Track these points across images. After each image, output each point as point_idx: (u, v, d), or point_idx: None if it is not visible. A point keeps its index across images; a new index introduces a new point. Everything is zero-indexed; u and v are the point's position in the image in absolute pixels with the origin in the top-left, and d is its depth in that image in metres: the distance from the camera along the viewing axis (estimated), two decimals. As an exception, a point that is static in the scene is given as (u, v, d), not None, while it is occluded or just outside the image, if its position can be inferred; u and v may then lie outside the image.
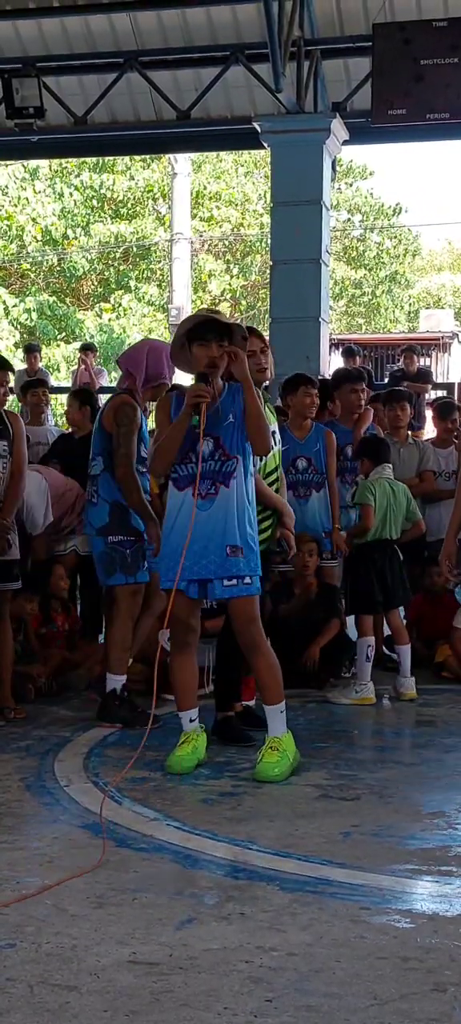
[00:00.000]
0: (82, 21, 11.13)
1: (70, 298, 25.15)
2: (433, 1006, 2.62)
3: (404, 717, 5.90)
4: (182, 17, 10.98)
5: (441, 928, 3.08)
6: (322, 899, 3.28)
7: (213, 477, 4.57)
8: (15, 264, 24.88)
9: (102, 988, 2.70)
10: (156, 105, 11.43)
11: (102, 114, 11.53)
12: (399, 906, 3.23)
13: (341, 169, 25.66)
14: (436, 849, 3.74)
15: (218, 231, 25.48)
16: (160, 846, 3.74)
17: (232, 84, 11.15)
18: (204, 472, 4.56)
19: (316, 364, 10.07)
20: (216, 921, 3.10)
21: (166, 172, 23.26)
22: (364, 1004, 2.62)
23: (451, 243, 33.97)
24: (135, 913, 3.16)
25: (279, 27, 9.55)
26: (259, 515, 4.89)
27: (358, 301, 28.86)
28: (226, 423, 4.58)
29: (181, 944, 2.95)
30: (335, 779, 4.58)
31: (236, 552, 4.54)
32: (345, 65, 11.02)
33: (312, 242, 10.45)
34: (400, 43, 9.85)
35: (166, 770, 4.61)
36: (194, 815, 4.08)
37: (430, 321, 22.74)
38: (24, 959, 2.85)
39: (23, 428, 5.75)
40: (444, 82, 9.79)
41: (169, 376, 5.69)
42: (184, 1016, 2.56)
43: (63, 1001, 2.63)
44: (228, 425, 4.58)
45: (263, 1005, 2.62)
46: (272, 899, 3.27)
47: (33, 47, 11.36)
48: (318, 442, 6.79)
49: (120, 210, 24.40)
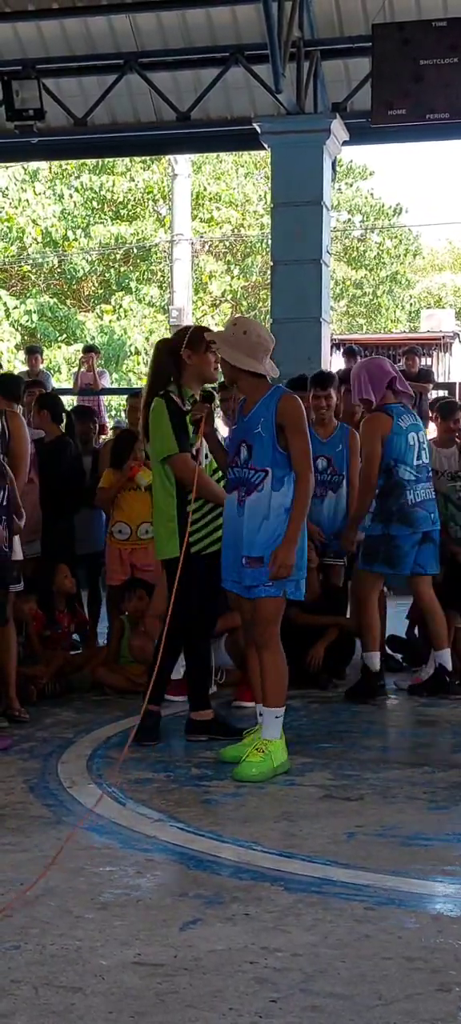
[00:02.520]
0: (81, 23, 11.12)
1: (71, 300, 25.15)
2: (438, 1006, 2.62)
3: (407, 717, 5.90)
4: (182, 18, 10.97)
5: (446, 928, 3.08)
6: (326, 899, 3.28)
7: (246, 485, 4.62)
8: (16, 266, 24.89)
9: (107, 989, 2.70)
10: (156, 106, 11.43)
11: (102, 116, 11.52)
12: (404, 906, 3.23)
13: (341, 169, 25.67)
14: (441, 849, 3.74)
15: (218, 232, 25.47)
16: (164, 847, 3.74)
17: (232, 85, 11.15)
18: (239, 477, 4.63)
19: (317, 365, 10.05)
20: (221, 922, 3.10)
21: (166, 173, 23.25)
22: (369, 1004, 2.62)
23: (452, 243, 33.97)
24: (139, 914, 3.16)
25: (279, 28, 9.55)
26: (207, 512, 4.97)
27: (359, 301, 28.86)
28: (255, 432, 4.60)
29: (186, 945, 2.95)
30: (339, 779, 4.57)
31: (252, 563, 4.55)
32: (345, 65, 11.02)
33: (313, 243, 10.45)
34: (400, 43, 9.83)
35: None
36: (198, 816, 4.08)
37: (431, 321, 22.71)
38: (29, 961, 2.85)
39: (21, 427, 5.74)
40: (444, 82, 9.77)
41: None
42: (189, 1017, 2.56)
43: (68, 1003, 2.63)
44: (257, 436, 4.60)
45: (268, 1006, 2.62)
46: (276, 900, 3.27)
47: (33, 49, 11.35)
48: (341, 443, 6.77)
49: (120, 211, 24.40)
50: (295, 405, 4.65)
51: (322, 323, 10.50)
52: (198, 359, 5.08)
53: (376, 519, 6.04)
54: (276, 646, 4.65)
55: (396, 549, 6.01)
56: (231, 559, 4.70)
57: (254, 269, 25.86)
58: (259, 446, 4.57)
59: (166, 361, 5.16)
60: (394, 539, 5.99)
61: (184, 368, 5.09)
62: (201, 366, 5.09)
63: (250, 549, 4.56)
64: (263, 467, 4.56)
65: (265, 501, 4.55)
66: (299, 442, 4.60)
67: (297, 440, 4.59)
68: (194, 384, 5.12)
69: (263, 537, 4.55)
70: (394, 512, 5.99)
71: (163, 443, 5.04)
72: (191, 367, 5.09)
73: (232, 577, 4.72)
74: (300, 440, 4.60)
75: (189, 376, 5.10)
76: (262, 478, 4.56)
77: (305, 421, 4.70)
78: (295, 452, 4.58)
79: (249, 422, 4.63)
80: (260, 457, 4.57)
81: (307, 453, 4.64)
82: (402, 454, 6.02)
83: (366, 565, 6.12)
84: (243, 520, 4.59)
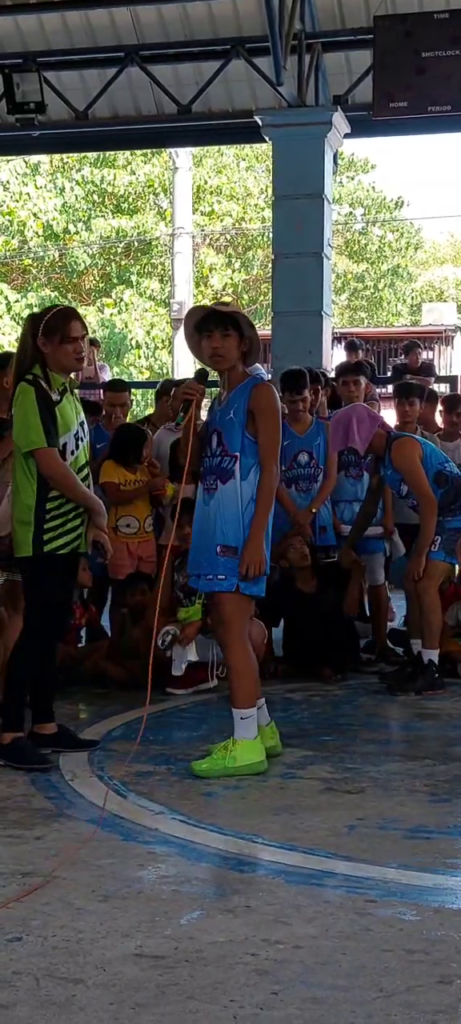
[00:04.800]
0: (82, 15, 11.12)
1: (72, 293, 25.14)
2: (439, 998, 2.62)
3: (408, 710, 5.90)
4: (182, 11, 10.96)
5: (447, 920, 3.08)
6: (327, 892, 3.28)
7: (216, 473, 4.53)
8: (17, 260, 24.87)
9: (108, 981, 2.70)
10: (157, 99, 11.42)
11: (103, 109, 11.52)
12: (405, 898, 3.23)
13: (343, 163, 25.70)
14: (442, 841, 3.74)
15: (219, 225, 25.44)
16: (165, 840, 3.75)
17: (233, 78, 11.14)
18: (210, 467, 4.56)
19: (318, 358, 10.06)
20: (221, 914, 3.11)
21: (167, 166, 23.24)
22: (370, 996, 2.62)
23: (453, 236, 33.97)
24: (140, 906, 3.16)
25: (280, 20, 9.54)
26: (68, 511, 4.61)
27: (360, 295, 28.85)
28: (227, 418, 4.52)
29: (187, 937, 2.95)
30: (340, 772, 4.58)
31: (227, 552, 4.48)
32: (346, 58, 11.01)
33: (314, 236, 10.44)
34: (401, 36, 9.83)
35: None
36: (199, 809, 4.08)
37: (432, 314, 22.71)
38: (30, 952, 2.86)
39: None
40: (445, 74, 9.76)
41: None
42: (190, 1009, 2.56)
43: (69, 994, 2.63)
44: (229, 421, 4.51)
45: (269, 998, 2.62)
46: (277, 892, 3.27)
47: (34, 42, 11.34)
48: (319, 436, 6.82)
49: (121, 205, 24.39)
50: (269, 393, 4.56)
51: (323, 316, 10.49)
52: (53, 349, 4.56)
53: (456, 513, 6.14)
54: (239, 646, 4.54)
55: None
56: (198, 553, 4.59)
57: (255, 262, 25.86)
58: (230, 431, 4.49)
59: (31, 342, 4.60)
60: None
61: (45, 353, 4.59)
62: (58, 357, 4.57)
63: (224, 538, 4.48)
64: (233, 452, 4.48)
65: (236, 489, 4.47)
66: (268, 430, 4.48)
67: (266, 427, 4.47)
68: (59, 372, 4.61)
69: (233, 527, 4.47)
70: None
71: (28, 434, 4.53)
72: (49, 355, 4.58)
73: (198, 571, 4.60)
74: (269, 428, 4.48)
75: (52, 363, 4.59)
76: (232, 464, 4.48)
77: (278, 413, 4.57)
78: (262, 439, 4.47)
79: (223, 410, 4.55)
80: (230, 441, 4.49)
81: (274, 445, 4.52)
82: (443, 457, 6.30)
83: (449, 557, 6.22)
84: (213, 509, 4.50)
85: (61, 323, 4.55)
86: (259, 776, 4.47)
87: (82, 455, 4.73)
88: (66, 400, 4.65)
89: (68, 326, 4.56)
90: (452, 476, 6.18)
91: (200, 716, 5.63)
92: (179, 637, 5.97)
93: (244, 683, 4.55)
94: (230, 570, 4.47)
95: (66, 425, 4.61)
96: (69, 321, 4.59)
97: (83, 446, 4.73)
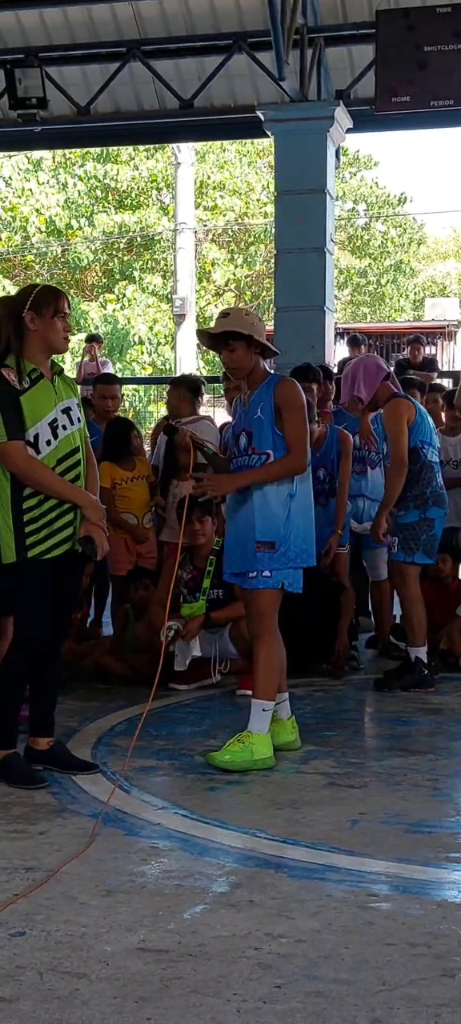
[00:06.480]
0: (84, 10, 11.10)
1: (74, 289, 25.12)
2: (442, 991, 2.62)
3: (411, 705, 5.90)
4: (184, 5, 10.94)
5: (450, 914, 3.08)
6: (330, 886, 3.29)
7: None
8: (19, 256, 24.87)
9: (111, 975, 2.70)
10: (159, 94, 11.41)
11: (105, 104, 11.50)
12: (407, 893, 3.23)
13: (346, 158, 25.67)
14: (444, 835, 3.75)
15: (222, 220, 25.42)
16: (168, 834, 3.75)
17: (235, 73, 11.11)
18: (239, 467, 4.63)
19: (321, 353, 10.05)
20: (225, 908, 3.11)
21: (170, 162, 23.21)
22: (373, 990, 2.63)
23: (456, 231, 33.90)
24: (144, 901, 3.16)
25: (282, 15, 9.51)
26: (49, 509, 4.24)
27: (363, 290, 28.81)
28: (255, 417, 4.58)
29: (190, 931, 2.95)
30: (343, 767, 4.58)
31: (264, 547, 4.53)
32: (348, 52, 10.98)
33: (316, 231, 10.42)
34: (404, 30, 9.79)
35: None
36: (202, 803, 4.08)
37: (435, 310, 22.69)
38: (34, 947, 2.86)
39: None
40: (448, 69, 9.73)
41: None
42: (193, 1003, 2.57)
43: (73, 988, 2.64)
44: (257, 420, 4.57)
45: (272, 991, 2.62)
46: (280, 886, 3.28)
47: (35, 37, 11.33)
48: (333, 449, 6.76)
49: (124, 200, 24.37)
50: (293, 388, 4.65)
51: (326, 312, 10.48)
52: (43, 325, 4.27)
53: (409, 506, 5.95)
54: (270, 638, 4.60)
55: (434, 533, 6.00)
56: (233, 550, 4.70)
57: (258, 258, 25.83)
58: (259, 430, 4.57)
59: (5, 325, 4.28)
60: (432, 522, 5.98)
61: (26, 335, 4.28)
62: (47, 333, 4.28)
63: (262, 534, 4.54)
64: (264, 450, 4.55)
65: (273, 485, 4.54)
66: (294, 422, 4.54)
67: (293, 420, 4.54)
68: (38, 355, 4.29)
69: (270, 523, 4.54)
70: (429, 495, 5.97)
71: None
72: (35, 334, 4.28)
73: (232, 569, 4.71)
74: (296, 421, 4.54)
75: (33, 345, 4.29)
76: (264, 461, 4.55)
77: (304, 405, 4.63)
78: (289, 431, 4.52)
79: (249, 410, 4.63)
80: (260, 440, 4.56)
81: (303, 437, 4.55)
82: (429, 436, 6.04)
83: (407, 557, 5.99)
84: (249, 507, 4.57)
85: (52, 298, 4.32)
86: (261, 771, 4.47)
87: (66, 443, 4.29)
88: (39, 387, 4.27)
89: (59, 301, 4.33)
90: (424, 461, 5.97)
91: (203, 711, 5.64)
92: (182, 632, 5.98)
93: (269, 675, 4.59)
94: (273, 566, 4.53)
95: (36, 413, 4.24)
96: (60, 296, 4.38)
97: (68, 434, 4.30)
